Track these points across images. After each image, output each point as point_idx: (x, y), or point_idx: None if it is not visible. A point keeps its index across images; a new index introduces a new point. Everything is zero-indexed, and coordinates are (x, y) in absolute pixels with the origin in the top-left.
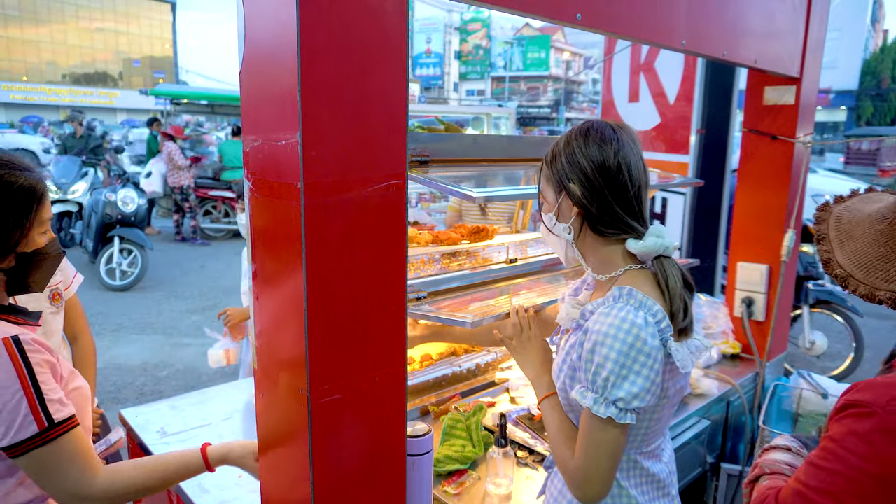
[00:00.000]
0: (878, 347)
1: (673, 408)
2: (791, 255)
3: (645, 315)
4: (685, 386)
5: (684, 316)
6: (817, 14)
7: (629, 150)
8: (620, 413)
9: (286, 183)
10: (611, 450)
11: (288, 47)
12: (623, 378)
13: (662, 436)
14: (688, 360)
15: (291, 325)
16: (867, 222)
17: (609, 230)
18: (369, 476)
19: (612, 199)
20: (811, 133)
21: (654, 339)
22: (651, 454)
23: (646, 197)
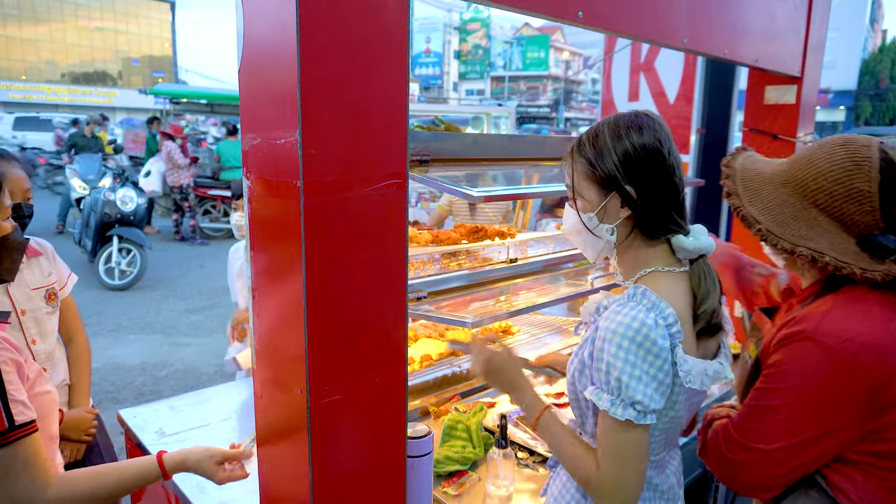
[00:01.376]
0: None
1: (682, 422)
2: None
3: (656, 317)
4: (697, 403)
5: (711, 317)
6: (818, 13)
7: (675, 147)
8: (639, 415)
9: (285, 182)
10: (636, 451)
11: (288, 46)
12: (637, 379)
13: (669, 448)
14: (697, 377)
15: (291, 326)
16: (770, 183)
17: (660, 232)
18: (369, 477)
19: (667, 202)
20: (812, 132)
21: (665, 340)
22: (655, 464)
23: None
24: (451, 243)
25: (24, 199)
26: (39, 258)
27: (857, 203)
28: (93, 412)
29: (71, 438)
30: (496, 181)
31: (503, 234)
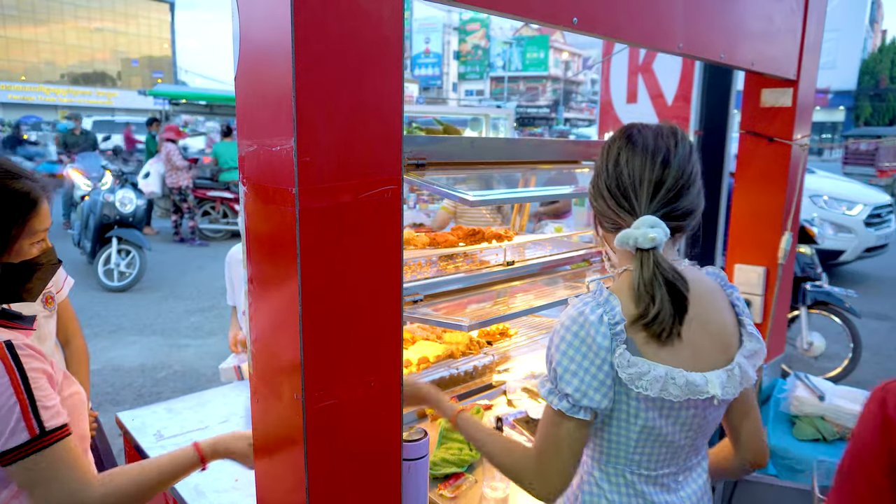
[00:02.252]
0: (876, 349)
1: (674, 435)
2: (788, 257)
3: (602, 314)
4: (703, 418)
5: (656, 316)
6: (814, 16)
7: (630, 138)
8: (573, 408)
9: (281, 188)
10: (567, 443)
11: (283, 54)
12: (572, 373)
13: (676, 466)
14: (653, 384)
15: (286, 331)
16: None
17: (606, 222)
18: (365, 481)
19: (605, 192)
20: (808, 135)
21: (605, 339)
22: (656, 481)
23: (645, 190)
24: (448, 246)
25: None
26: None
27: None
28: (92, 415)
29: None
30: (493, 184)
31: (500, 236)
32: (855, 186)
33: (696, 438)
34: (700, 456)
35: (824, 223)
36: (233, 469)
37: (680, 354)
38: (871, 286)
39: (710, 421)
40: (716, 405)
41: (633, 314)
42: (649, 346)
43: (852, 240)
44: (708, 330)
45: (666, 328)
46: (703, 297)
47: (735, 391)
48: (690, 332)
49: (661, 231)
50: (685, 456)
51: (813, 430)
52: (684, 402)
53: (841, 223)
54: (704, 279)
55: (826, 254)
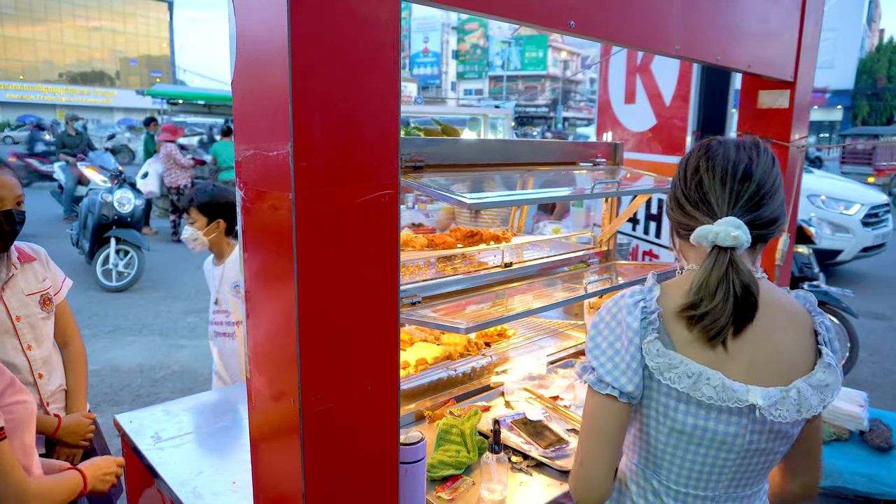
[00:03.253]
0: (873, 348)
1: (724, 459)
2: (785, 258)
3: (640, 299)
4: (733, 437)
5: (708, 312)
6: (811, 18)
7: (709, 149)
8: (598, 383)
9: (278, 193)
10: (597, 423)
11: (279, 58)
12: (601, 350)
13: (714, 491)
14: (681, 378)
15: (284, 335)
16: None
17: (683, 229)
18: (362, 484)
19: (683, 199)
20: (805, 136)
21: (635, 320)
22: (687, 501)
23: (727, 195)
24: (446, 247)
25: (15, 205)
26: (33, 263)
27: None
28: (90, 417)
29: (68, 443)
30: (491, 186)
31: (498, 237)
32: (852, 186)
33: (745, 467)
34: (752, 490)
35: (822, 223)
36: (231, 472)
37: (728, 363)
38: (868, 286)
39: (763, 451)
40: (769, 432)
41: (679, 304)
42: (693, 344)
43: (850, 239)
44: (771, 348)
45: (717, 328)
46: (776, 314)
47: (789, 415)
48: (749, 344)
49: (743, 233)
50: (728, 483)
51: None
52: (723, 413)
53: (838, 223)
54: (784, 298)
55: (824, 253)
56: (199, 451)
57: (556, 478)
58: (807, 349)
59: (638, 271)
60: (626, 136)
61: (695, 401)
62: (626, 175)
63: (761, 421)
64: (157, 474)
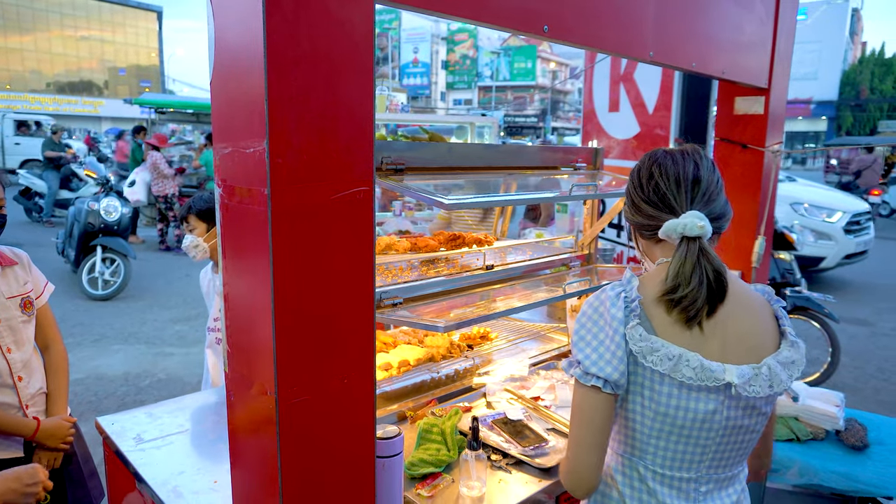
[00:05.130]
0: (855, 354)
1: (697, 435)
2: (761, 260)
3: (621, 290)
4: (712, 414)
5: (686, 295)
6: (784, 26)
7: (657, 159)
8: (584, 376)
9: (254, 189)
10: (584, 415)
11: (256, 59)
12: (586, 343)
13: (697, 472)
14: (662, 360)
15: (260, 328)
16: None
17: (646, 230)
18: (339, 477)
19: (643, 204)
20: (780, 142)
21: (618, 311)
22: (672, 484)
23: (684, 192)
24: (429, 251)
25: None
26: (14, 267)
27: None
28: (70, 420)
29: (48, 447)
30: (471, 189)
31: (481, 241)
32: (835, 194)
33: (725, 446)
34: (732, 471)
35: (805, 230)
36: (212, 471)
37: (704, 344)
38: (851, 292)
39: (741, 428)
40: (745, 408)
41: (658, 291)
42: (672, 328)
43: (832, 247)
44: (740, 329)
45: (694, 310)
46: (743, 301)
47: (762, 391)
48: (721, 326)
49: (707, 224)
50: (710, 464)
51: (787, 431)
52: (702, 391)
53: (821, 230)
54: (746, 287)
55: (807, 260)
56: (180, 451)
57: (535, 475)
58: (771, 330)
59: (618, 273)
60: (611, 143)
61: (676, 382)
62: (607, 180)
63: (737, 397)
64: (139, 475)
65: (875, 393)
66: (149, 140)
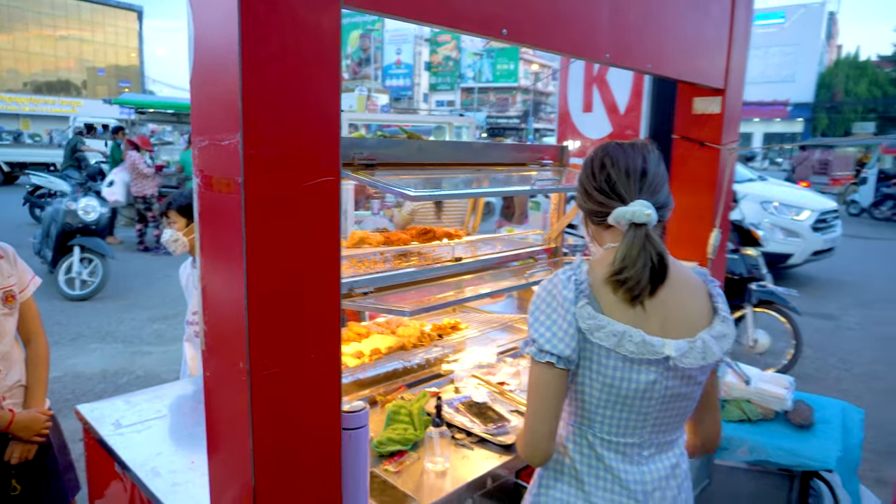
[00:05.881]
0: (819, 346)
1: (634, 402)
2: (717, 252)
3: (571, 274)
4: (652, 384)
5: (631, 276)
6: (739, 31)
7: (608, 151)
8: (539, 353)
9: (229, 178)
10: (538, 390)
11: (231, 59)
12: (540, 322)
13: (640, 438)
14: (607, 336)
15: (234, 306)
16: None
17: (596, 217)
18: (307, 447)
19: (594, 192)
20: (736, 140)
21: (570, 292)
22: (618, 449)
23: (632, 181)
24: (401, 244)
25: None
26: (0, 261)
27: None
28: (47, 413)
29: (22, 438)
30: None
31: (451, 235)
32: (803, 193)
33: (665, 413)
34: (671, 436)
35: (775, 228)
36: (189, 452)
37: (646, 321)
38: (818, 288)
39: (679, 396)
40: (681, 378)
41: (606, 273)
42: (617, 306)
43: (800, 244)
44: (678, 307)
45: (638, 289)
46: (681, 282)
47: (696, 362)
48: (661, 305)
49: (653, 212)
50: (652, 429)
51: (739, 412)
52: (644, 364)
53: (790, 228)
54: (684, 269)
55: (776, 257)
56: (158, 435)
57: (496, 452)
58: (705, 308)
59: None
60: (585, 143)
61: (620, 356)
62: (572, 176)
63: (674, 369)
64: (118, 457)
65: (836, 383)
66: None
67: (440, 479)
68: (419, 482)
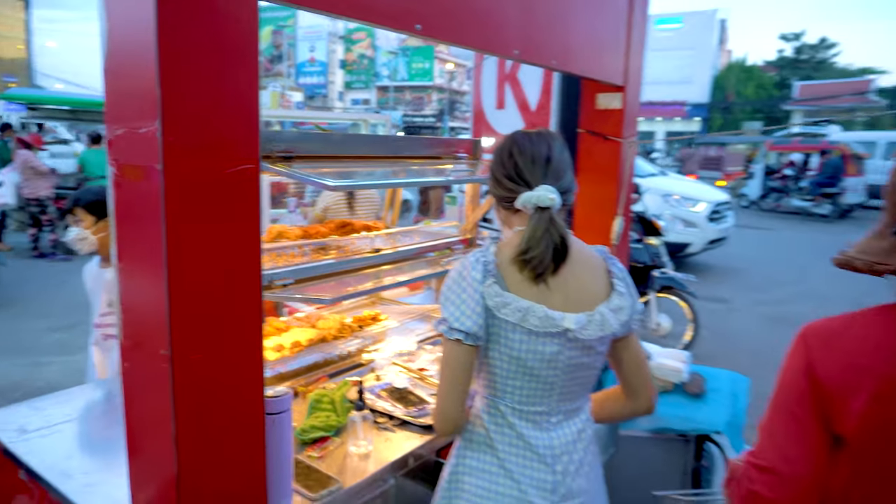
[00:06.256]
0: (714, 327)
1: (541, 373)
2: (620, 238)
3: (479, 256)
4: (556, 355)
5: (535, 256)
6: (637, 31)
7: (516, 140)
8: (449, 331)
9: (147, 166)
10: (449, 365)
11: (148, 49)
12: (451, 302)
13: (548, 406)
14: (513, 312)
15: (154, 293)
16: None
17: (505, 201)
18: (231, 432)
19: (504, 178)
20: (635, 134)
21: (477, 273)
22: (528, 418)
23: (538, 167)
24: (320, 237)
25: None
26: None
27: None
28: None
29: None
30: (356, 176)
31: (370, 227)
32: (700, 187)
33: (569, 382)
34: (577, 404)
35: (675, 219)
36: (103, 454)
37: (550, 297)
38: (714, 274)
39: (581, 366)
40: (582, 348)
41: (513, 254)
42: (522, 284)
43: (698, 233)
44: (579, 284)
45: (542, 268)
46: (582, 260)
47: (594, 334)
48: (563, 282)
49: (557, 196)
50: (558, 398)
51: None
52: (547, 336)
53: (688, 219)
54: (587, 249)
55: (676, 246)
56: (68, 439)
57: (418, 433)
58: (604, 283)
59: None
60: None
61: (525, 330)
62: (486, 169)
63: (574, 340)
64: (23, 463)
65: (728, 358)
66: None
67: (363, 461)
68: (343, 465)
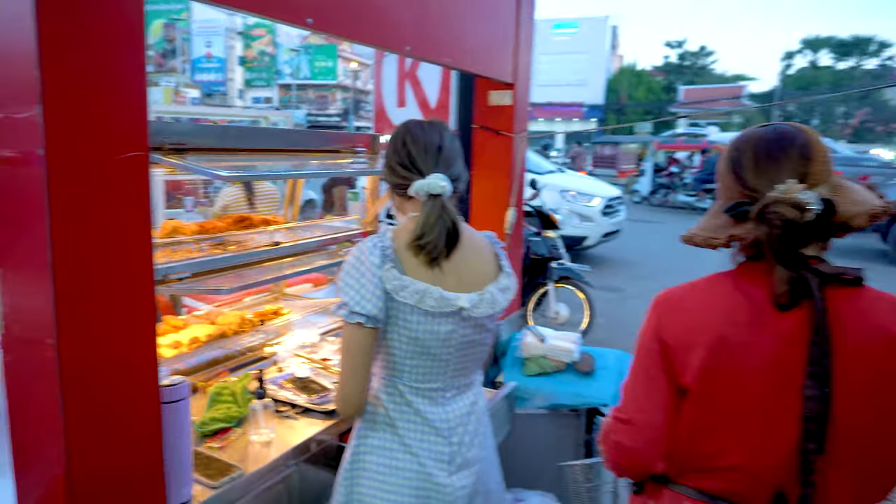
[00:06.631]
0: (609, 315)
1: (437, 351)
2: (513, 228)
3: (377, 241)
4: (450, 333)
5: (430, 241)
6: (524, 32)
7: (409, 129)
8: (350, 315)
9: (28, 151)
10: (350, 349)
11: (27, 36)
12: (349, 286)
13: (443, 382)
14: (411, 295)
15: (40, 283)
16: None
17: (399, 189)
18: (125, 423)
19: (398, 166)
20: (525, 129)
21: (375, 257)
22: (424, 395)
23: (429, 156)
24: (216, 232)
25: None
26: None
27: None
28: None
29: None
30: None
31: (269, 221)
32: (595, 183)
33: (462, 358)
34: (469, 378)
35: (572, 214)
36: None
37: (444, 280)
38: (608, 265)
39: (473, 342)
40: (474, 326)
41: (409, 239)
42: (418, 268)
43: (593, 227)
44: (469, 267)
45: (436, 253)
46: (471, 245)
47: (485, 311)
48: (456, 265)
49: (448, 184)
50: (452, 374)
51: (537, 367)
52: (441, 316)
53: (584, 213)
54: (477, 235)
55: (573, 240)
56: None
57: (320, 419)
58: (492, 265)
59: None
60: None
61: (422, 311)
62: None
63: (467, 318)
64: None
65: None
66: None
67: (266, 448)
68: (245, 453)
